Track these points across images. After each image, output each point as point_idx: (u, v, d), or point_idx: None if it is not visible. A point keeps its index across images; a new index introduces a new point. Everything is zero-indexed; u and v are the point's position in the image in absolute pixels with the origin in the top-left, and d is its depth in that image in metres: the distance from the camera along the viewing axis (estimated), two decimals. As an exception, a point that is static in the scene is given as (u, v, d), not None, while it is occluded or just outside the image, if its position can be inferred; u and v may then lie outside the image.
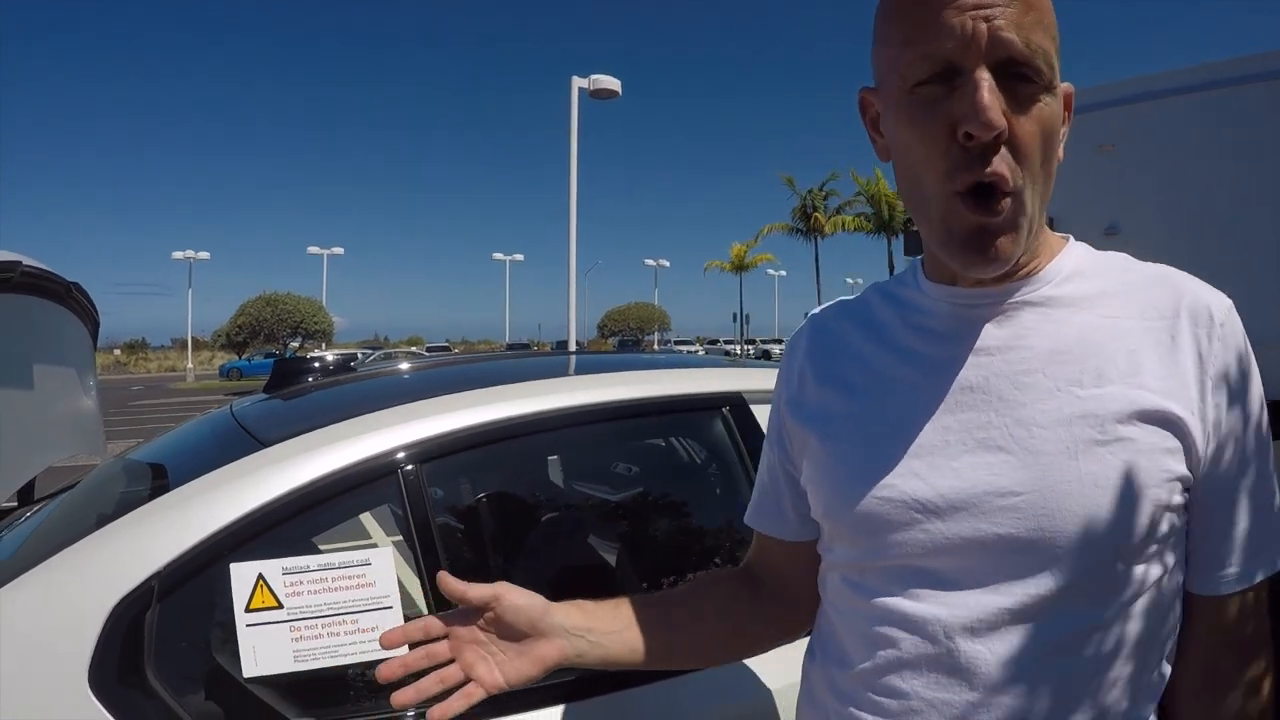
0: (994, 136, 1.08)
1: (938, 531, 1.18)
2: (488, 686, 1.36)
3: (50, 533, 2.27)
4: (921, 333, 1.29)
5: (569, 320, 21.91)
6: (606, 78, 20.90)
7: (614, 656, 1.46)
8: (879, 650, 1.24)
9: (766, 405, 2.62)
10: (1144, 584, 1.14)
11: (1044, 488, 1.12)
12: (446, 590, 1.39)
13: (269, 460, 1.98)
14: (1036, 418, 1.16)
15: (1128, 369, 1.15)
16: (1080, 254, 1.27)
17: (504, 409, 2.25)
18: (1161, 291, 1.20)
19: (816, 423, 1.36)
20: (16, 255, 2.62)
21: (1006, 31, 1.06)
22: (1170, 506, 1.13)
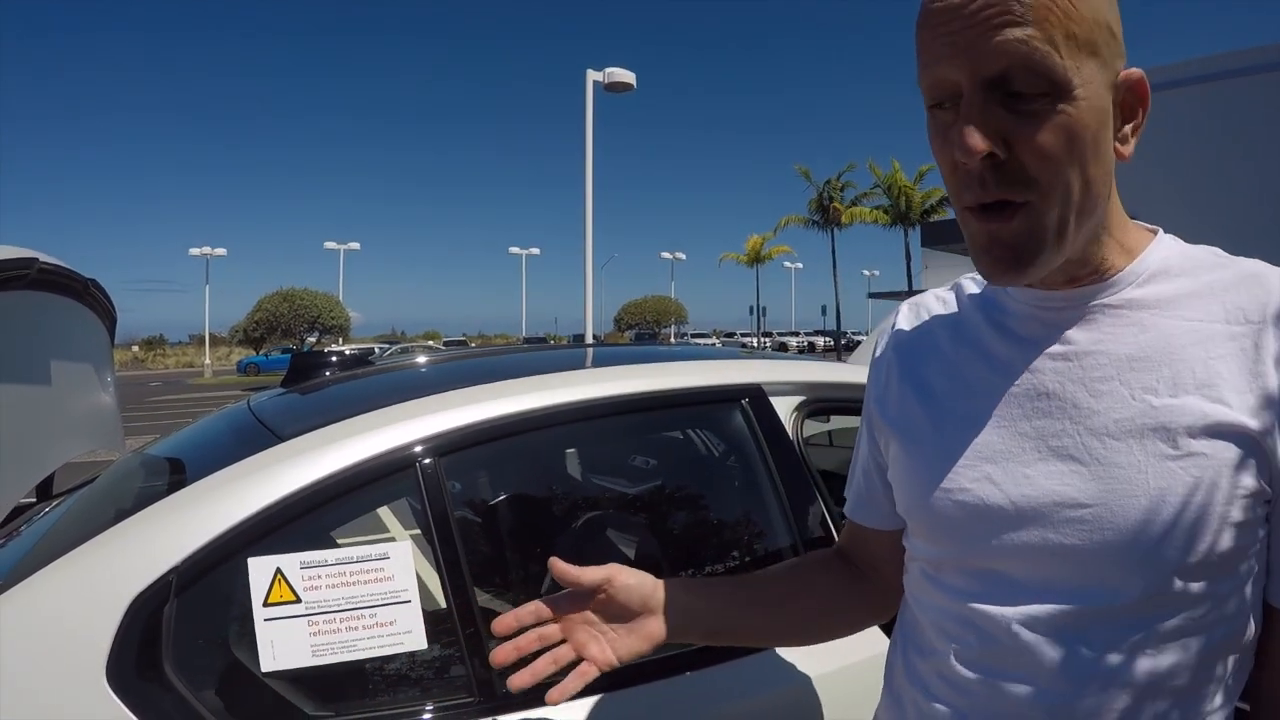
0: (984, 159, 1.09)
1: (1009, 537, 1.19)
2: (601, 664, 1.39)
3: (68, 528, 2.26)
4: (1003, 334, 1.29)
5: (585, 313, 21.87)
6: (621, 71, 20.85)
7: (718, 631, 1.51)
8: (952, 643, 1.26)
9: (786, 397, 2.61)
10: (1212, 598, 1.12)
11: (1111, 501, 1.12)
12: (559, 574, 1.41)
13: (287, 454, 1.98)
14: (1109, 427, 1.15)
15: (1205, 378, 1.12)
16: (1167, 250, 1.24)
17: (522, 402, 2.23)
18: (1250, 293, 1.16)
19: (899, 423, 1.38)
20: (33, 252, 2.62)
21: (995, 40, 1.06)
22: (1242, 523, 1.10)
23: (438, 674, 2.00)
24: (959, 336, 1.35)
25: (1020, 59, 1.05)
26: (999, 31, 1.05)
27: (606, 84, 20.87)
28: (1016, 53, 1.05)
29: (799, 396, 2.69)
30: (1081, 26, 1.07)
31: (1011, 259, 1.13)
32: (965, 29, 1.07)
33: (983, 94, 1.08)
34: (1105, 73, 1.11)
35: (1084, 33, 1.07)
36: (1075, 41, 1.07)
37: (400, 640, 1.84)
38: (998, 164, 1.09)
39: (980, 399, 1.27)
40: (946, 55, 1.09)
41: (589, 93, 20.89)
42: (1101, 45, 1.10)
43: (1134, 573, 1.11)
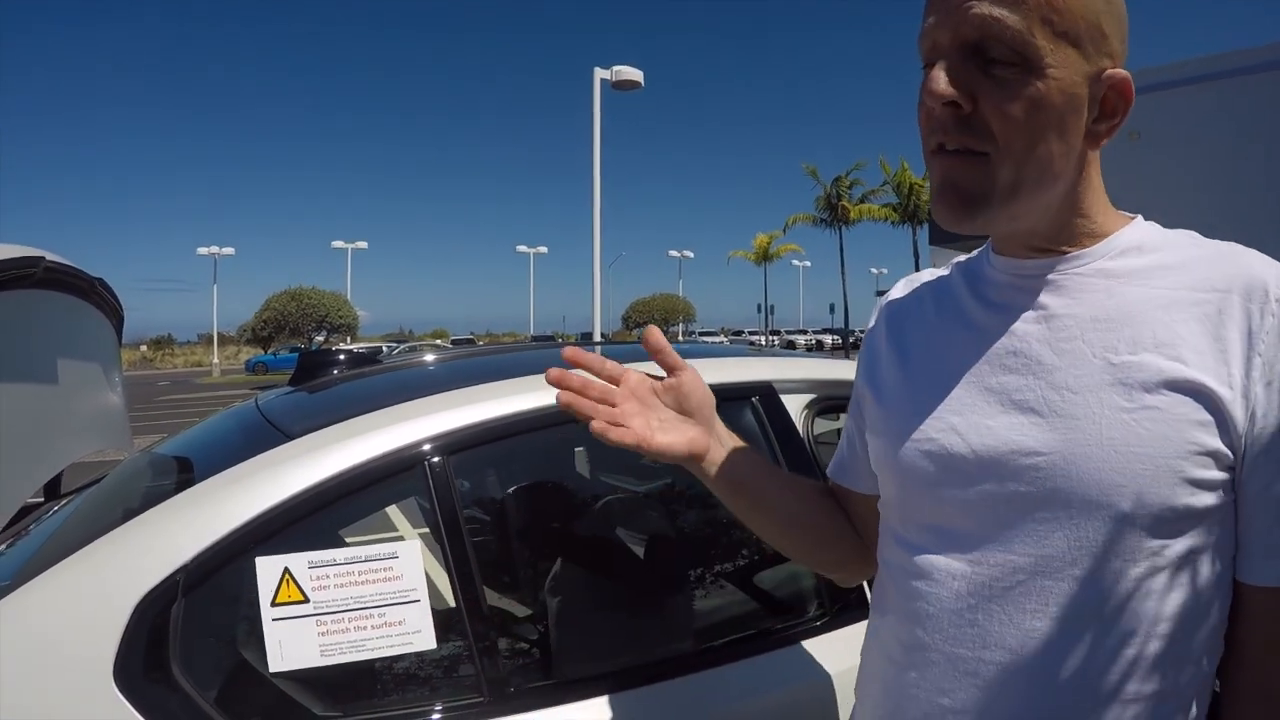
0: (949, 105, 1.18)
1: (971, 488, 1.24)
2: (639, 435, 1.41)
3: (76, 528, 2.25)
4: (982, 301, 1.35)
5: (594, 312, 21.89)
6: (629, 69, 20.87)
7: (735, 479, 1.54)
8: (911, 603, 1.30)
9: (796, 395, 2.60)
10: (1169, 560, 1.14)
11: (1065, 449, 1.16)
12: (650, 339, 1.47)
13: (294, 453, 1.97)
14: (1069, 382, 1.20)
15: (1165, 339, 1.17)
16: (1143, 231, 1.29)
17: (531, 400, 2.21)
18: (1221, 266, 1.20)
19: (876, 382, 1.46)
20: (39, 251, 2.60)
21: (974, 10, 1.15)
22: (1199, 481, 1.12)
23: (447, 673, 1.99)
24: (942, 304, 1.42)
25: (996, 31, 1.14)
26: (982, 4, 1.15)
27: (614, 82, 20.89)
28: (993, 25, 1.14)
29: (810, 394, 2.68)
30: (1063, 17, 1.15)
31: (960, 201, 1.21)
32: None
33: (960, 54, 1.18)
34: (1086, 64, 1.18)
35: (1064, 23, 1.15)
36: (1053, 28, 1.15)
37: (409, 640, 1.83)
38: (962, 116, 1.18)
39: (954, 359, 1.33)
40: (936, 19, 1.20)
41: (596, 91, 20.89)
42: (1085, 39, 1.17)
43: (1084, 521, 1.14)
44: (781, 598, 2.48)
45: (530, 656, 2.18)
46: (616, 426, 1.39)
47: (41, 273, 2.62)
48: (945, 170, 1.22)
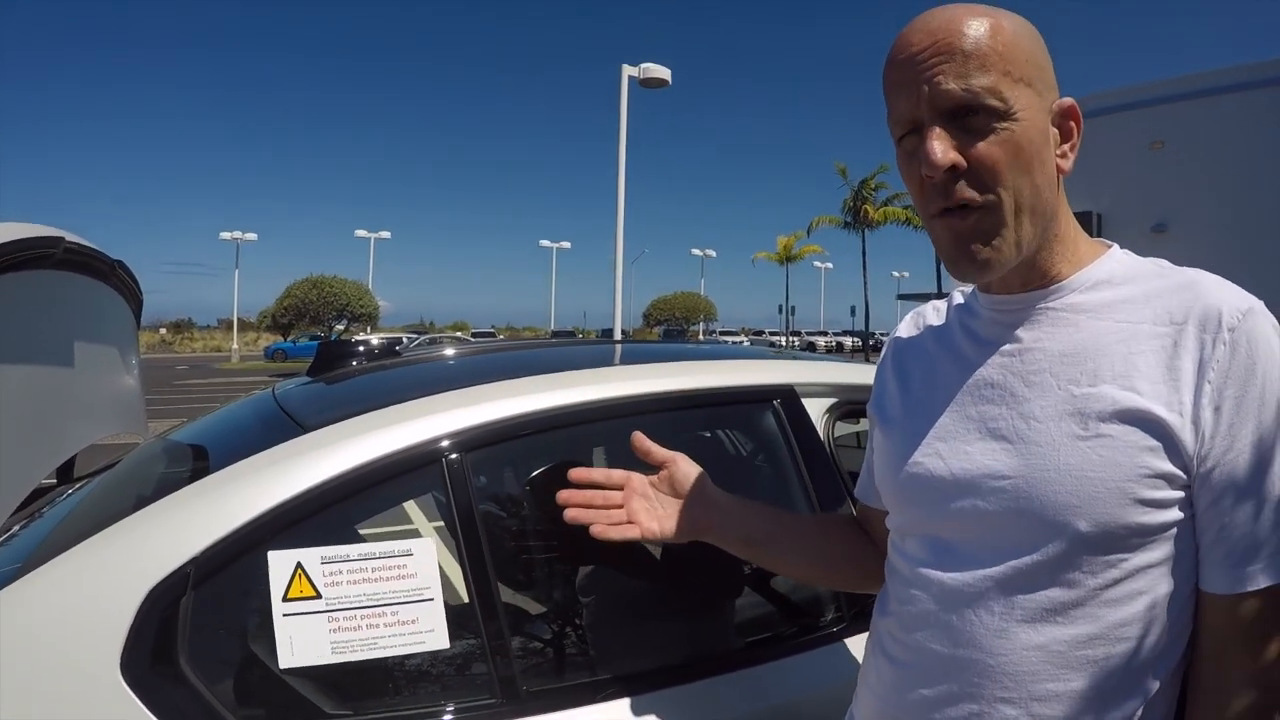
0: (947, 172, 1.29)
1: (950, 505, 1.39)
2: (645, 531, 1.73)
3: (86, 515, 2.24)
4: (969, 335, 1.51)
5: (615, 308, 21.93)
6: (657, 66, 20.90)
7: (750, 541, 1.80)
8: (904, 605, 1.47)
9: (819, 399, 2.57)
10: (1126, 571, 1.27)
11: (1028, 474, 1.30)
12: (637, 444, 1.79)
13: (310, 446, 1.94)
14: (1035, 412, 1.33)
15: (1123, 371, 1.29)
16: (1114, 262, 1.42)
17: (551, 398, 2.19)
18: (1180, 297, 1.32)
19: (882, 411, 1.63)
20: (59, 231, 2.58)
21: (944, 85, 1.28)
22: (1151, 501, 1.24)
23: (459, 673, 1.96)
24: (939, 339, 1.58)
25: (968, 95, 1.27)
26: (949, 76, 1.27)
27: (641, 80, 20.93)
28: (964, 90, 1.27)
29: (832, 398, 2.64)
30: (1015, 65, 1.29)
31: (976, 251, 1.32)
32: (922, 74, 1.29)
33: (940, 122, 1.30)
34: (1041, 100, 1.33)
35: (1018, 70, 1.29)
36: (1010, 77, 1.28)
37: (422, 639, 1.80)
38: (958, 175, 1.30)
39: (943, 390, 1.48)
40: (908, 96, 1.32)
41: (624, 88, 20.93)
42: (1035, 79, 1.32)
43: (1041, 536, 1.28)
44: (801, 601, 2.44)
45: (545, 658, 2.15)
46: (619, 525, 1.71)
47: (61, 254, 2.59)
48: (955, 229, 1.33)
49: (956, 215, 1.31)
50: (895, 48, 1.34)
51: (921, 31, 1.31)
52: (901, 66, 1.32)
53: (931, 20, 1.31)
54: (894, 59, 1.34)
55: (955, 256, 1.34)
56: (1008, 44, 1.29)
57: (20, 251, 2.35)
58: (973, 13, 1.30)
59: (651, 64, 20.90)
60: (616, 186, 21.18)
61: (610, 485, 1.75)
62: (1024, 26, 1.34)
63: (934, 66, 1.28)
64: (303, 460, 1.89)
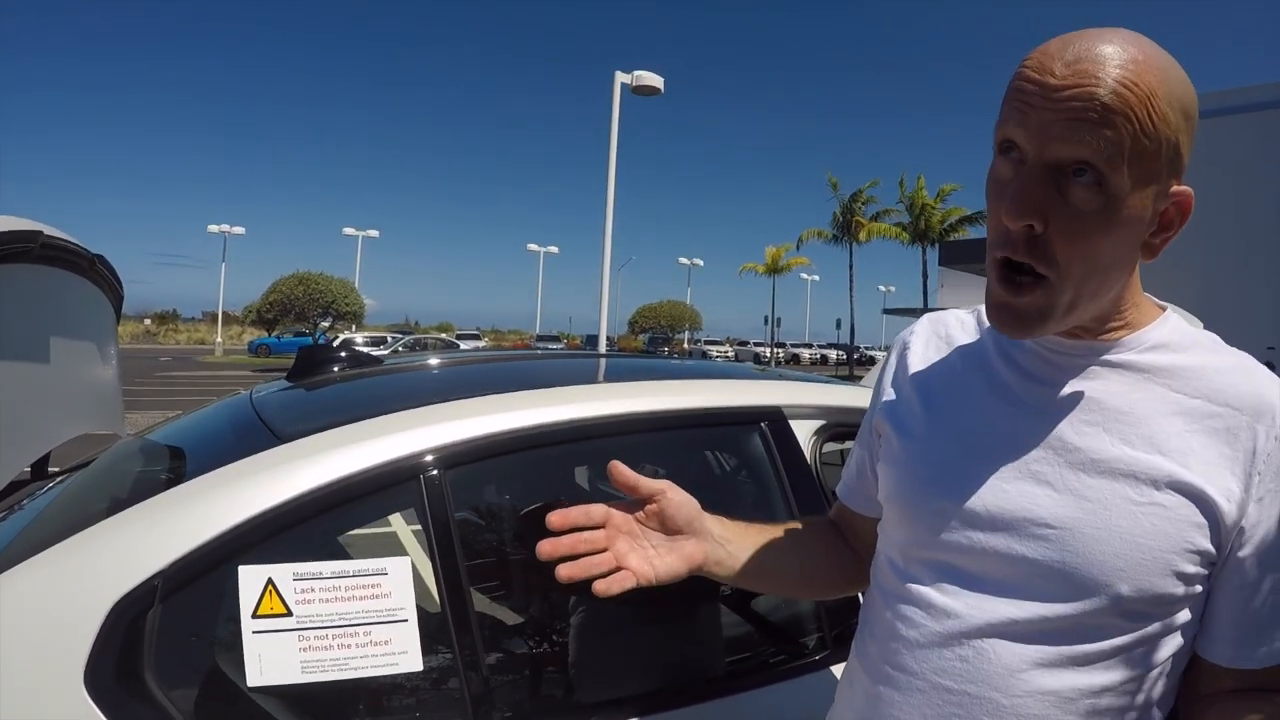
0: (1023, 227, 1.21)
1: (977, 538, 1.32)
2: (640, 576, 1.48)
3: (54, 519, 2.20)
4: (1011, 365, 1.41)
5: (601, 315, 21.93)
6: (649, 74, 20.93)
7: (740, 570, 1.62)
8: (904, 629, 1.38)
9: (807, 421, 2.54)
10: (1147, 635, 1.26)
11: (1075, 527, 1.25)
12: (618, 477, 1.50)
13: (285, 458, 1.89)
14: (1085, 465, 1.28)
15: (1178, 446, 1.26)
16: (1171, 328, 1.36)
17: (534, 415, 2.15)
18: (1236, 382, 1.29)
19: (897, 418, 1.52)
20: (38, 225, 2.54)
21: (1060, 146, 1.17)
22: (1186, 575, 1.24)
23: (432, 695, 1.93)
24: (969, 356, 1.49)
25: (1085, 158, 1.16)
26: (1076, 128, 1.15)
27: (634, 87, 20.96)
28: (1084, 152, 1.16)
29: (819, 420, 2.61)
30: (1151, 143, 1.17)
31: (1016, 324, 1.28)
32: (1048, 110, 1.16)
33: (1041, 170, 1.20)
34: (1159, 187, 1.22)
35: (1151, 152, 1.17)
36: (1142, 158, 1.17)
37: (395, 661, 1.76)
38: (1033, 235, 1.21)
39: (977, 414, 1.41)
40: (1025, 126, 1.19)
41: (616, 94, 20.95)
42: (1164, 165, 1.20)
43: (1081, 592, 1.24)
44: (785, 626, 2.41)
45: (520, 682, 2.12)
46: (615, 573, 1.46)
47: (39, 248, 2.56)
48: (1005, 296, 1.27)
49: (1012, 286, 1.25)
50: (1034, 64, 1.20)
51: (1068, 64, 1.16)
52: (1032, 91, 1.18)
53: (1084, 55, 1.16)
54: (1027, 77, 1.20)
55: (995, 316, 1.30)
56: (1155, 120, 1.16)
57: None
58: (1131, 64, 1.16)
59: (645, 71, 20.91)
60: (606, 192, 21.18)
61: (590, 525, 1.50)
62: (1182, 94, 1.20)
63: (1062, 116, 1.15)
64: (277, 472, 1.85)
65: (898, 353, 1.61)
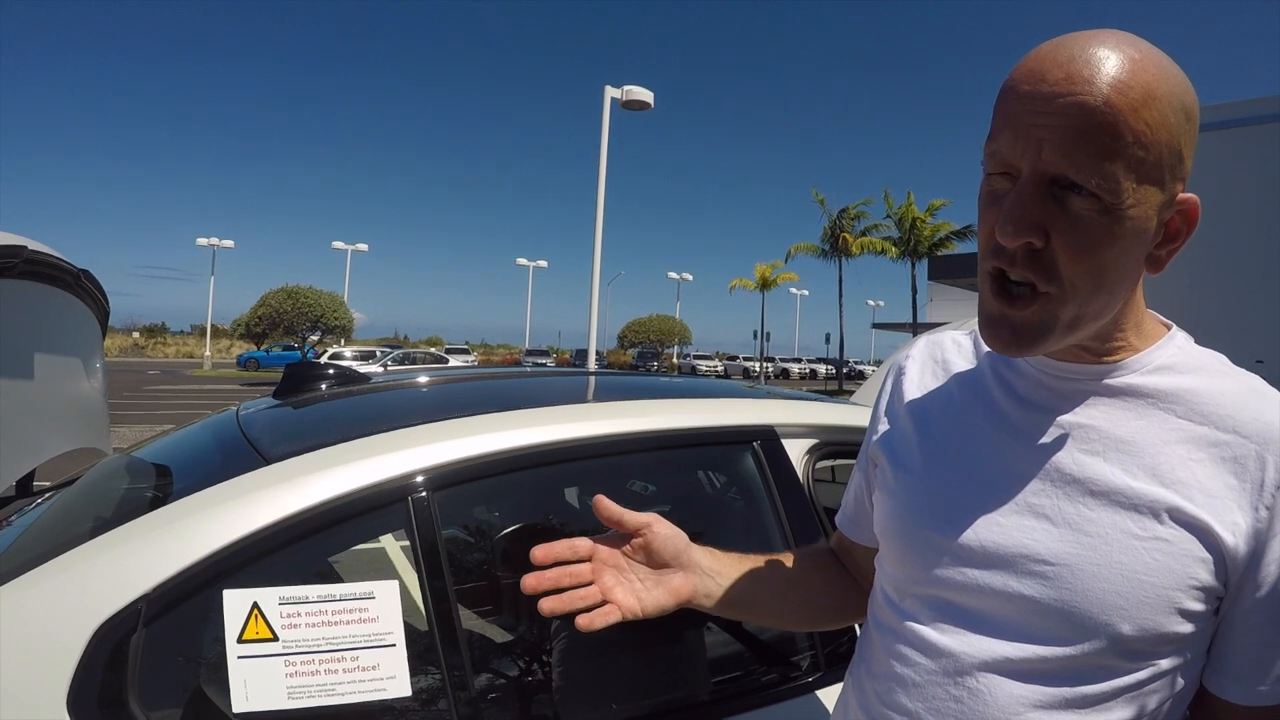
0: (1022, 245, 1.16)
1: (973, 575, 1.28)
2: (626, 610, 1.45)
3: (37, 540, 2.17)
4: (1008, 391, 1.36)
5: (590, 329, 21.90)
6: (639, 89, 20.96)
7: (731, 602, 1.58)
8: (900, 667, 1.35)
9: (800, 440, 2.52)
10: (1150, 674, 1.22)
11: (1075, 564, 1.21)
12: (602, 512, 1.47)
13: (271, 480, 1.87)
14: (1085, 498, 1.23)
15: (1183, 477, 1.21)
16: (1176, 348, 1.31)
17: (523, 436, 2.13)
18: (1245, 408, 1.23)
19: (892, 448, 1.49)
20: (22, 240, 2.52)
21: (1056, 157, 1.12)
22: (1190, 611, 1.19)
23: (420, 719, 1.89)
24: (965, 383, 1.44)
25: (1084, 169, 1.11)
26: (1073, 138, 1.10)
27: (624, 101, 20.98)
28: (1082, 163, 1.11)
29: (812, 439, 2.59)
30: (1150, 152, 1.12)
31: (1013, 340, 1.22)
32: (1044, 121, 1.12)
33: (1036, 184, 1.15)
34: (1162, 194, 1.16)
35: (1151, 158, 1.12)
36: (1142, 165, 1.12)
37: (383, 686, 1.74)
38: (1032, 250, 1.16)
39: (973, 444, 1.36)
40: (1019, 140, 1.14)
41: (606, 109, 20.98)
42: (1165, 171, 1.15)
43: (1081, 631, 1.20)
44: (777, 649, 2.39)
45: (510, 706, 2.09)
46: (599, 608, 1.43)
47: (23, 263, 2.53)
48: (1001, 310, 1.22)
49: (1010, 299, 1.20)
50: (1024, 72, 1.15)
51: (1061, 70, 1.12)
52: (1022, 100, 1.14)
53: (1076, 59, 1.12)
54: (1017, 87, 1.15)
55: (991, 333, 1.23)
56: (1154, 124, 1.11)
57: (-19, 261, 2.29)
58: (1127, 67, 1.12)
59: (635, 86, 20.94)
60: (596, 207, 21.20)
61: (576, 558, 1.48)
62: (1180, 100, 1.15)
63: (1056, 125, 1.11)
64: (263, 495, 1.82)
65: (893, 378, 1.57)
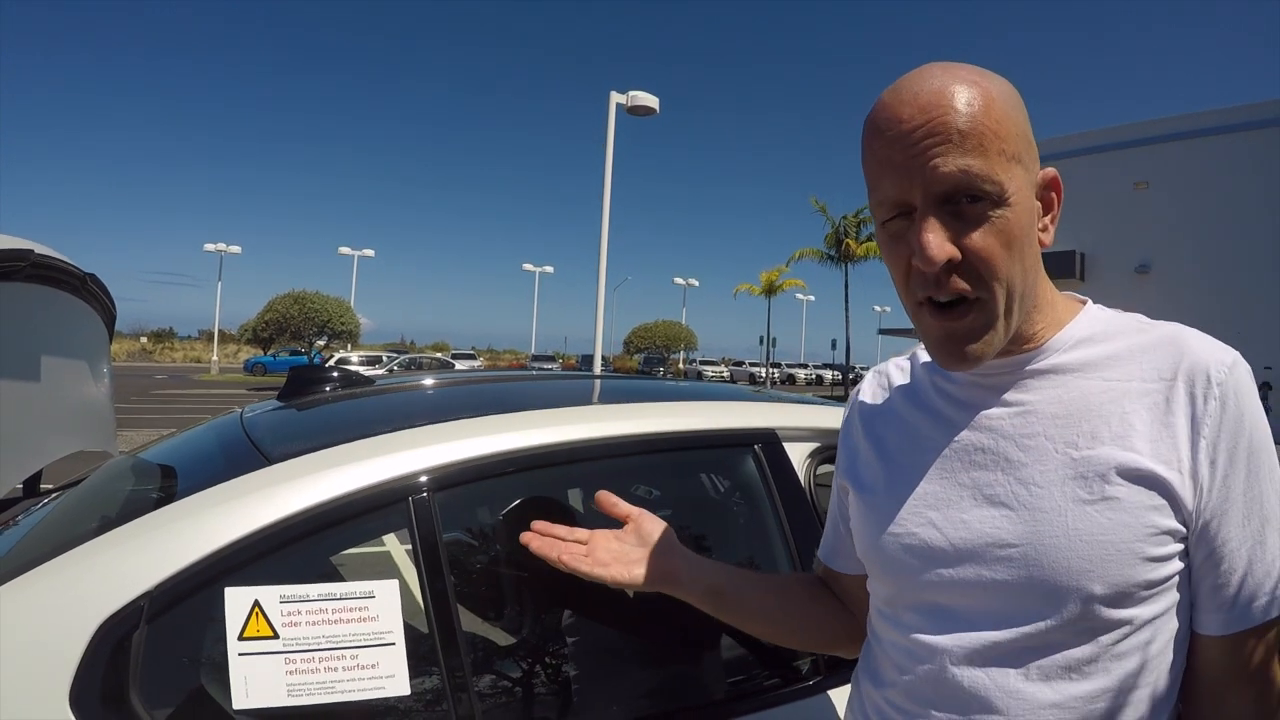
0: (941, 266, 1.25)
1: (948, 573, 1.35)
2: (613, 573, 1.64)
3: (41, 539, 2.18)
4: (947, 398, 1.46)
5: (596, 334, 21.90)
6: (645, 95, 20.93)
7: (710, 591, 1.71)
8: (901, 674, 1.42)
9: (801, 443, 2.52)
10: (1137, 624, 1.27)
11: (1035, 541, 1.28)
12: (601, 501, 1.74)
13: (273, 479, 1.88)
14: (1035, 477, 1.31)
15: (1120, 431, 1.29)
16: (1091, 320, 1.41)
17: (525, 437, 2.14)
18: (1165, 353, 1.32)
19: (856, 476, 1.58)
20: (29, 243, 2.54)
21: (942, 169, 1.22)
22: (1157, 557, 1.25)
23: (418, 718, 1.90)
24: (911, 400, 1.54)
25: (964, 179, 1.22)
26: (944, 157, 1.22)
27: (629, 107, 20.95)
28: (960, 174, 1.22)
29: (814, 443, 2.59)
30: (1009, 143, 1.25)
31: (963, 353, 1.30)
32: (914, 155, 1.24)
33: (933, 209, 1.25)
34: (1028, 175, 1.30)
35: (1011, 148, 1.26)
36: (1005, 156, 1.25)
37: (382, 685, 1.75)
38: (952, 265, 1.26)
39: (927, 454, 1.44)
40: (899, 178, 1.26)
41: (611, 115, 20.96)
42: (1025, 155, 1.28)
43: (1056, 601, 1.26)
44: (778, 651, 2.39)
45: (510, 705, 2.10)
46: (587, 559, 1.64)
47: (29, 266, 2.55)
48: (945, 326, 1.30)
49: (947, 313, 1.29)
50: (881, 121, 1.28)
51: (912, 106, 1.25)
52: (891, 144, 1.26)
53: (921, 93, 1.25)
54: (881, 133, 1.28)
55: (945, 352, 1.32)
56: (1000, 119, 1.25)
57: (-14, 264, 2.30)
58: (962, 82, 1.25)
59: (640, 92, 20.93)
60: (601, 213, 21.18)
61: (574, 539, 1.69)
62: (1011, 94, 1.30)
63: (929, 148, 1.23)
64: (265, 494, 1.83)
65: (851, 410, 1.67)
